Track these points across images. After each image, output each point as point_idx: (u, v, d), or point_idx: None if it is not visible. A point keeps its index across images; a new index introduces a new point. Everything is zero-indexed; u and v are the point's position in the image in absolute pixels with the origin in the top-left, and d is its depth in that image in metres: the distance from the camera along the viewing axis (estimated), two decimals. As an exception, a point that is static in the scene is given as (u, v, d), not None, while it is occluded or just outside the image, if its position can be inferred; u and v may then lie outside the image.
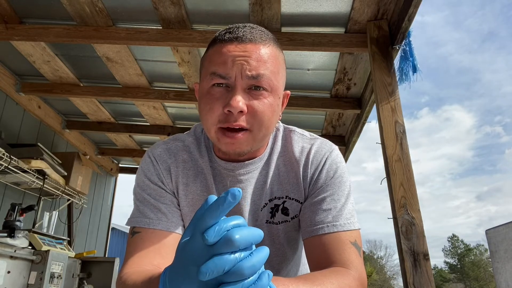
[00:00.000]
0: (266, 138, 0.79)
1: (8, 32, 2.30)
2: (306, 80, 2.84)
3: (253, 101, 0.72)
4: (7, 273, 1.92)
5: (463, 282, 34.92)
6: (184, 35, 2.27)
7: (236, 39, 0.74)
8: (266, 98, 0.73)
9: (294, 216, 0.86)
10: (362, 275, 0.73)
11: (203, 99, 0.76)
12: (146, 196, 0.84)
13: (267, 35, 0.77)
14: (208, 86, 0.74)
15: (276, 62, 0.76)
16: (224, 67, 0.72)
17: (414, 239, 1.68)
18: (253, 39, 0.74)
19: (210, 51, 0.77)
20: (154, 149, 0.89)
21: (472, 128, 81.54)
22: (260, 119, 0.73)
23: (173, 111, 3.51)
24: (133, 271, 0.71)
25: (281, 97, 0.79)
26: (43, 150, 2.82)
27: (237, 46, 0.73)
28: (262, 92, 0.73)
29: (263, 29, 0.78)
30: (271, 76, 0.73)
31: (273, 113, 0.75)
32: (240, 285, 0.41)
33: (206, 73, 0.76)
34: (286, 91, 0.85)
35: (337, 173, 0.83)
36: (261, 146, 0.82)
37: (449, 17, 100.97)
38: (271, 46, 0.76)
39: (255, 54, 0.73)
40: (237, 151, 0.75)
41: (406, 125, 1.93)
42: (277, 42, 0.79)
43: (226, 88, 0.73)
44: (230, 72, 0.71)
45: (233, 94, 0.71)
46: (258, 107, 0.72)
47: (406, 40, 1.98)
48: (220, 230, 0.41)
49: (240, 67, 0.71)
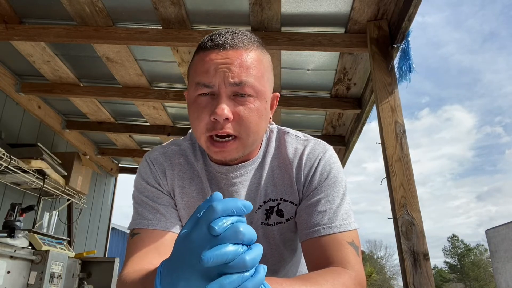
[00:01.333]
0: (256, 142, 0.79)
1: (8, 32, 2.30)
2: (306, 80, 2.84)
3: (238, 107, 0.72)
4: (7, 273, 1.92)
5: (463, 282, 34.92)
6: (184, 35, 2.27)
7: (218, 46, 0.74)
8: (252, 103, 0.73)
9: (289, 218, 0.86)
10: (360, 274, 0.73)
11: (191, 108, 0.76)
12: (144, 198, 0.85)
13: (250, 39, 0.77)
14: (194, 95, 0.75)
15: (260, 66, 0.75)
16: (207, 76, 0.72)
17: (414, 239, 1.68)
18: (235, 45, 0.74)
19: (195, 59, 0.78)
20: (151, 153, 0.90)
21: (472, 129, 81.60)
22: (247, 125, 0.73)
23: (173, 111, 3.51)
24: (132, 271, 0.71)
25: (268, 100, 0.79)
26: (43, 150, 2.82)
27: (218, 53, 0.73)
28: (247, 98, 0.73)
29: (246, 33, 0.78)
30: (254, 81, 0.73)
31: (261, 118, 0.75)
32: (241, 277, 0.42)
33: (192, 82, 0.76)
34: (275, 93, 0.84)
35: (331, 173, 0.83)
36: (253, 150, 0.82)
37: (450, 17, 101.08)
38: (254, 50, 0.76)
39: (237, 61, 0.72)
40: (228, 158, 0.76)
41: (407, 126, 1.93)
42: (261, 45, 0.79)
43: (212, 96, 0.73)
44: (213, 80, 0.72)
45: (218, 102, 0.71)
46: (244, 113, 0.72)
47: (405, 40, 1.99)
48: (227, 221, 0.43)
49: (223, 74, 0.71)
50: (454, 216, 76.18)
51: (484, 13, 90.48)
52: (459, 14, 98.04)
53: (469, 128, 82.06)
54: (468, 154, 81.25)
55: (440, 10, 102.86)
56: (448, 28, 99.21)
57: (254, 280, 0.43)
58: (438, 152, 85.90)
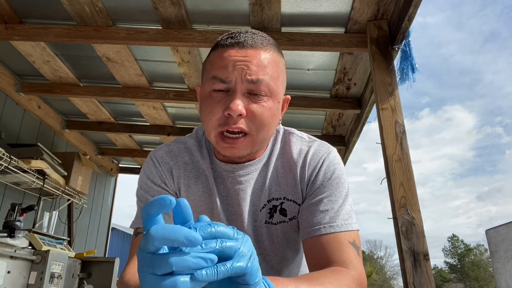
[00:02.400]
0: (265, 141, 0.80)
1: (8, 32, 2.30)
2: (306, 80, 2.84)
3: (252, 104, 0.74)
4: (7, 273, 1.92)
5: (463, 282, 34.92)
6: (184, 35, 2.27)
7: (238, 44, 0.75)
8: (266, 102, 0.74)
9: (292, 217, 0.86)
10: (361, 275, 0.74)
11: (204, 102, 0.77)
12: (149, 197, 0.84)
13: (268, 41, 0.78)
14: (209, 89, 0.76)
15: (276, 67, 0.77)
16: (224, 71, 0.73)
17: (414, 239, 1.68)
18: (254, 45, 0.75)
19: (212, 55, 0.78)
20: (156, 152, 0.90)
21: (473, 129, 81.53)
22: (259, 122, 0.74)
23: (173, 111, 3.51)
24: (134, 271, 0.71)
25: (280, 101, 0.80)
26: (43, 150, 2.82)
27: (238, 51, 0.74)
28: (261, 97, 0.74)
29: (264, 35, 0.80)
30: (270, 81, 0.74)
31: (273, 117, 0.77)
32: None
33: (208, 76, 0.77)
34: (286, 96, 0.86)
35: (335, 174, 0.83)
36: (261, 148, 0.83)
37: (451, 17, 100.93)
38: (272, 51, 0.77)
39: (256, 59, 0.74)
40: (236, 155, 0.77)
41: (407, 126, 1.93)
42: (278, 47, 0.81)
43: (226, 92, 0.74)
44: (231, 76, 0.73)
45: (232, 97, 0.72)
46: (257, 111, 0.74)
47: (405, 40, 1.99)
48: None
49: (241, 71, 0.72)
50: (454, 216, 76.26)
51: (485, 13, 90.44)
52: (460, 14, 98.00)
53: (469, 128, 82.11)
54: (468, 154, 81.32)
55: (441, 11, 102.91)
56: (449, 29, 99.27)
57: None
58: (439, 152, 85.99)
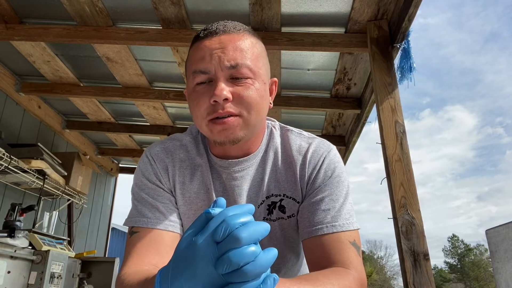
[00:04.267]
0: (258, 124, 0.79)
1: (8, 32, 2.30)
2: (306, 80, 2.84)
3: (236, 87, 0.73)
4: (7, 273, 1.92)
5: (463, 282, 34.90)
6: (184, 35, 2.27)
7: (211, 33, 0.76)
8: (251, 84, 0.74)
9: (290, 215, 0.86)
10: (361, 275, 0.74)
11: (190, 98, 0.77)
12: (144, 195, 0.83)
13: (241, 26, 0.79)
14: (193, 85, 0.76)
15: (254, 49, 0.77)
16: (203, 62, 0.74)
17: (414, 239, 1.68)
18: (227, 30, 0.76)
19: (190, 52, 0.79)
20: (151, 149, 0.89)
21: (474, 129, 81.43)
22: (248, 102, 0.73)
23: (173, 111, 3.51)
24: (131, 271, 0.70)
25: (267, 82, 0.80)
26: (43, 150, 2.82)
27: (211, 39, 0.75)
28: (245, 80, 0.74)
29: (236, 22, 0.80)
30: (250, 63, 0.74)
31: (261, 98, 0.76)
32: (247, 287, 0.41)
33: (189, 73, 0.77)
34: (273, 78, 0.85)
35: (335, 173, 0.83)
36: (255, 134, 0.82)
37: (452, 18, 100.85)
38: (246, 35, 0.78)
39: (231, 44, 0.74)
40: (231, 137, 0.74)
41: (408, 127, 1.93)
42: (253, 32, 0.81)
43: (209, 83, 0.74)
44: (209, 66, 0.73)
45: (216, 84, 0.72)
46: (244, 93, 0.73)
47: (406, 40, 1.99)
48: (228, 228, 0.42)
49: (218, 59, 0.73)
50: (455, 216, 76.20)
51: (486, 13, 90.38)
52: (461, 15, 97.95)
53: (470, 129, 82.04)
54: (469, 154, 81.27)
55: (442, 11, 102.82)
56: (450, 29, 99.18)
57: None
58: (439, 153, 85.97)
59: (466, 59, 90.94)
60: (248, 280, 0.41)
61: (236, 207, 0.45)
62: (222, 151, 0.84)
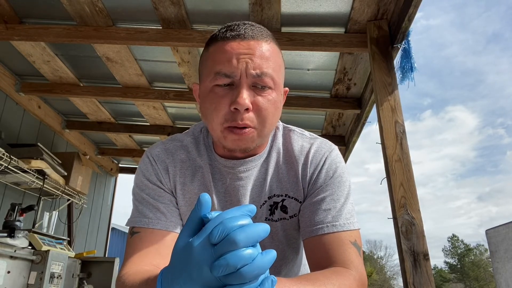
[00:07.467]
0: (269, 134, 0.80)
1: (8, 32, 2.30)
2: (306, 80, 2.84)
3: (257, 97, 0.73)
4: (7, 273, 1.92)
5: (463, 282, 34.91)
6: (184, 35, 2.26)
7: (239, 36, 0.74)
8: (270, 95, 0.74)
9: (293, 215, 0.85)
10: (362, 275, 0.73)
11: (207, 98, 0.75)
12: (145, 196, 0.83)
13: (266, 32, 0.78)
14: (211, 85, 0.74)
15: (277, 59, 0.77)
16: (229, 65, 0.72)
17: (414, 239, 1.68)
18: (255, 36, 0.74)
19: (212, 50, 0.76)
20: (152, 150, 0.89)
21: (475, 130, 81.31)
22: (265, 116, 0.74)
23: (173, 111, 3.51)
24: (132, 272, 0.70)
25: (282, 93, 0.81)
26: (43, 150, 2.82)
27: (240, 43, 0.73)
28: (266, 90, 0.73)
29: (261, 27, 0.79)
30: (273, 73, 0.74)
31: (276, 109, 0.77)
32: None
33: (209, 72, 0.75)
34: (285, 88, 0.85)
35: (337, 172, 0.83)
36: (264, 142, 0.82)
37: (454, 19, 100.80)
38: (271, 43, 0.77)
39: (258, 51, 0.73)
40: (243, 147, 0.76)
41: (409, 127, 1.95)
42: (275, 39, 0.80)
43: (230, 86, 0.73)
44: (235, 71, 0.72)
45: (238, 91, 0.71)
46: (263, 104, 0.73)
47: (406, 40, 1.99)
48: (224, 230, 0.41)
49: (245, 65, 0.71)
50: (455, 217, 76.16)
51: (489, 14, 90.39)
52: (464, 15, 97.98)
53: (471, 129, 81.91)
54: (470, 154, 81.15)
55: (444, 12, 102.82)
56: (452, 30, 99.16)
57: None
58: (440, 153, 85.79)
59: (468, 60, 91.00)
60: (245, 282, 0.41)
61: (235, 209, 0.45)
62: (229, 152, 0.84)
